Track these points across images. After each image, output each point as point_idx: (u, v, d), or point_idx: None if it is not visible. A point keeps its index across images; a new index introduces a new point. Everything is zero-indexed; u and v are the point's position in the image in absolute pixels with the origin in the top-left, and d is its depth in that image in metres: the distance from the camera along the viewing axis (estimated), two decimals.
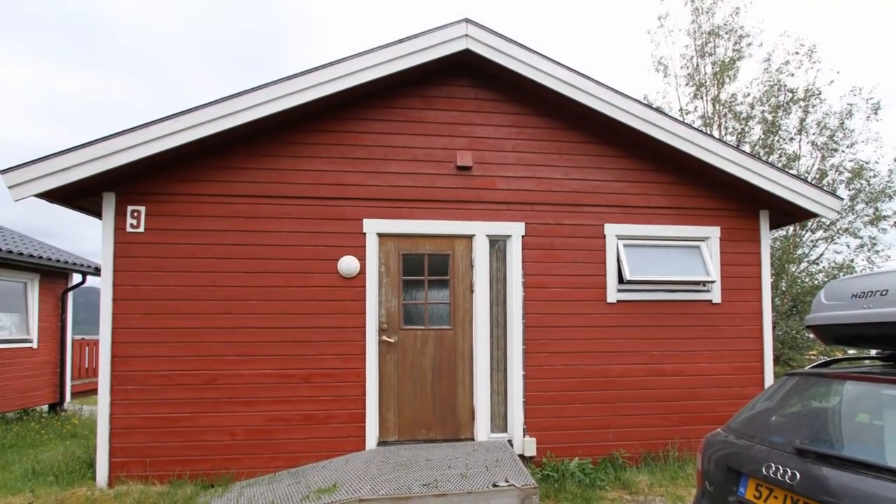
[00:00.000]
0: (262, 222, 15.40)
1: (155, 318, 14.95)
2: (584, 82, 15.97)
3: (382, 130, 16.00)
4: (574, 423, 16.12)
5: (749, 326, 17.10)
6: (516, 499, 12.32)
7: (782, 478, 7.31)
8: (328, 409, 15.27)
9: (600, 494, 14.20)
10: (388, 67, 15.25)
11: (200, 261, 15.19)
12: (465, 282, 16.14)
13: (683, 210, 16.98)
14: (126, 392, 14.79)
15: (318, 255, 15.51)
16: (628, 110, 16.10)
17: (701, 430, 16.35)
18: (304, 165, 15.66)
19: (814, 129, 36.61)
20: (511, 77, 16.15)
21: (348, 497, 12.02)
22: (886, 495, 6.29)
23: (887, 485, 6.35)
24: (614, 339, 16.48)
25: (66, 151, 14.12)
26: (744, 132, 37.83)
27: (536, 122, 16.60)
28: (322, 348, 15.34)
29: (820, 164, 36.48)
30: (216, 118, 14.64)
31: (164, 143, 14.45)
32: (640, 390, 16.50)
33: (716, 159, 16.38)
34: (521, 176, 16.34)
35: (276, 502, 12.42)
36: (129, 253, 15.01)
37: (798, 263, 35.88)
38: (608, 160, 16.76)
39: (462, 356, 16.05)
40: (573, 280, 16.40)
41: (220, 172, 15.42)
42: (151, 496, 13.71)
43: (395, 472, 13.36)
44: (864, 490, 6.47)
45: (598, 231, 16.54)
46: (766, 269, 17.26)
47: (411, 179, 15.95)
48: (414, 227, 15.84)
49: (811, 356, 33.99)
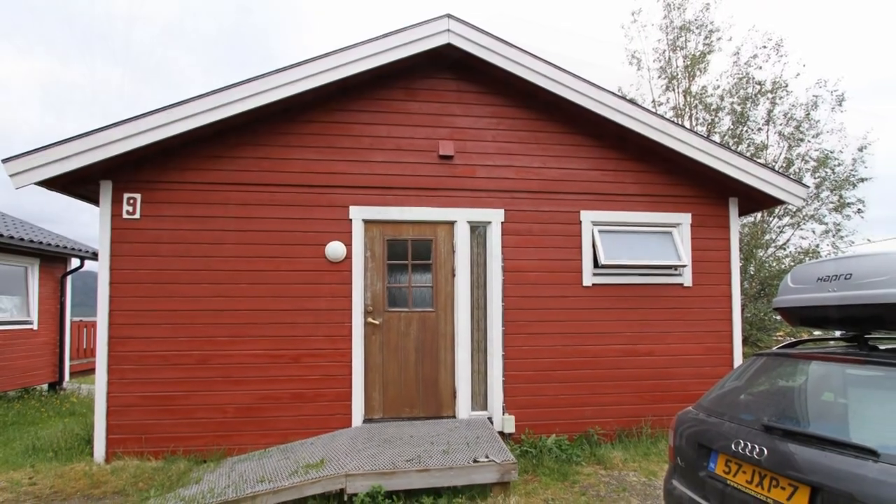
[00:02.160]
0: (252, 209, 15.40)
1: (150, 301, 14.95)
2: (559, 74, 16.00)
3: (368, 121, 16.00)
4: (551, 402, 16.15)
5: (719, 309, 17.15)
6: (496, 473, 12.34)
7: (751, 454, 7.34)
8: (316, 387, 15.29)
9: (576, 469, 14.24)
10: (374, 60, 15.27)
11: (194, 246, 15.17)
12: (447, 266, 16.15)
13: (656, 197, 17.00)
14: (122, 371, 14.79)
15: (306, 241, 15.51)
16: (603, 101, 16.12)
17: (673, 407, 16.40)
18: (294, 154, 15.66)
19: (781, 120, 36.82)
20: (490, 70, 16.17)
21: (335, 472, 12.03)
22: (850, 470, 6.31)
23: (850, 460, 6.38)
24: (590, 322, 16.51)
25: (67, 141, 14.11)
26: (714, 123, 38.00)
27: (515, 113, 16.62)
28: (310, 329, 15.35)
29: (787, 153, 36.64)
30: (210, 108, 14.64)
31: (160, 132, 14.45)
32: (615, 370, 16.54)
33: (687, 149, 16.41)
34: (500, 165, 16.34)
35: (266, 477, 12.43)
36: (125, 238, 15.00)
37: (766, 249, 36.03)
38: (584, 149, 16.78)
39: (444, 337, 16.07)
40: (551, 264, 16.42)
41: (212, 161, 15.40)
42: (147, 471, 13.73)
43: (380, 448, 13.38)
44: (829, 465, 6.51)
45: (575, 217, 16.56)
46: (734, 253, 17.30)
47: (396, 168, 15.95)
48: (398, 213, 15.83)
49: (778, 337, 34.16)
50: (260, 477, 12.50)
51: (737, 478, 7.59)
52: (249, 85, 14.75)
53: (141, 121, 14.35)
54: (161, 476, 13.43)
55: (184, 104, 14.54)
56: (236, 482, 12.43)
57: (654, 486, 13.40)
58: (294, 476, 12.21)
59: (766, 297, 34.16)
